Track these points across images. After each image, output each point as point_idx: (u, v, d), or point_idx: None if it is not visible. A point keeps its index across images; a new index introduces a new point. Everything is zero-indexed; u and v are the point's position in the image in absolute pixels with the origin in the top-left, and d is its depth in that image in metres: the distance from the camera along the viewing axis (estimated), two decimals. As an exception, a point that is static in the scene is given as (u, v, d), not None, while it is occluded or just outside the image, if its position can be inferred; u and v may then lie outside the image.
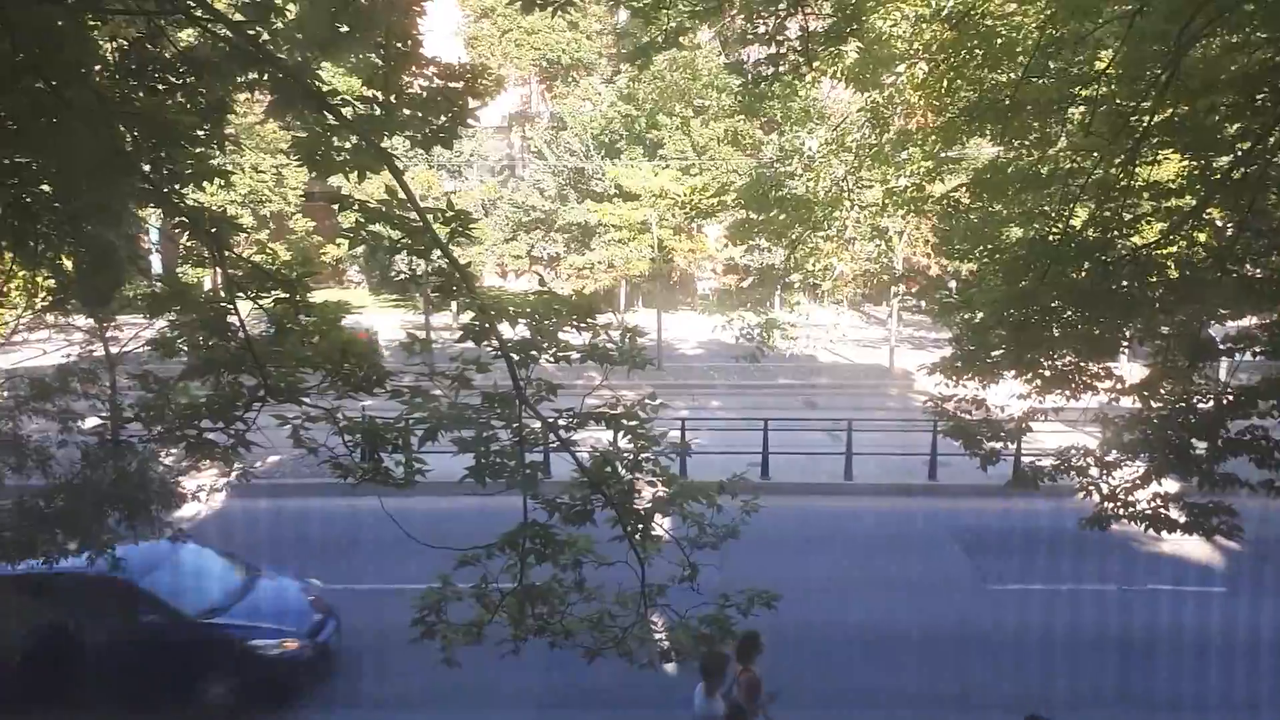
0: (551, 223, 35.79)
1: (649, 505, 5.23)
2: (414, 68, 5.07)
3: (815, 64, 8.63)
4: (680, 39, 8.84)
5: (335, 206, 5.39)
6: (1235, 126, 7.28)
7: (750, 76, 9.48)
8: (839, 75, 9.76)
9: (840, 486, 17.19)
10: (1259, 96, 6.87)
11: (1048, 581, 13.07)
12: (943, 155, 10.27)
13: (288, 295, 5.17)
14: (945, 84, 8.95)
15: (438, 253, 4.94)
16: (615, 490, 5.13)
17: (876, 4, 8.63)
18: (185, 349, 5.18)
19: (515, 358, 4.91)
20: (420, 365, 5.23)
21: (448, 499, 5.93)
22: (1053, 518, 14.65)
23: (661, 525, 5.37)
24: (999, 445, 7.99)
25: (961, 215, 9.22)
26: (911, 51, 9.07)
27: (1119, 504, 7.65)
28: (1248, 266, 7.59)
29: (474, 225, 5.18)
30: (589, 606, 5.40)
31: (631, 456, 5.29)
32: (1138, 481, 7.72)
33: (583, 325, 5.18)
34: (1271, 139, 7.00)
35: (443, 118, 5.11)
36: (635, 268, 30.88)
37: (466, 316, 5.08)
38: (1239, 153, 7.11)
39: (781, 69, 8.68)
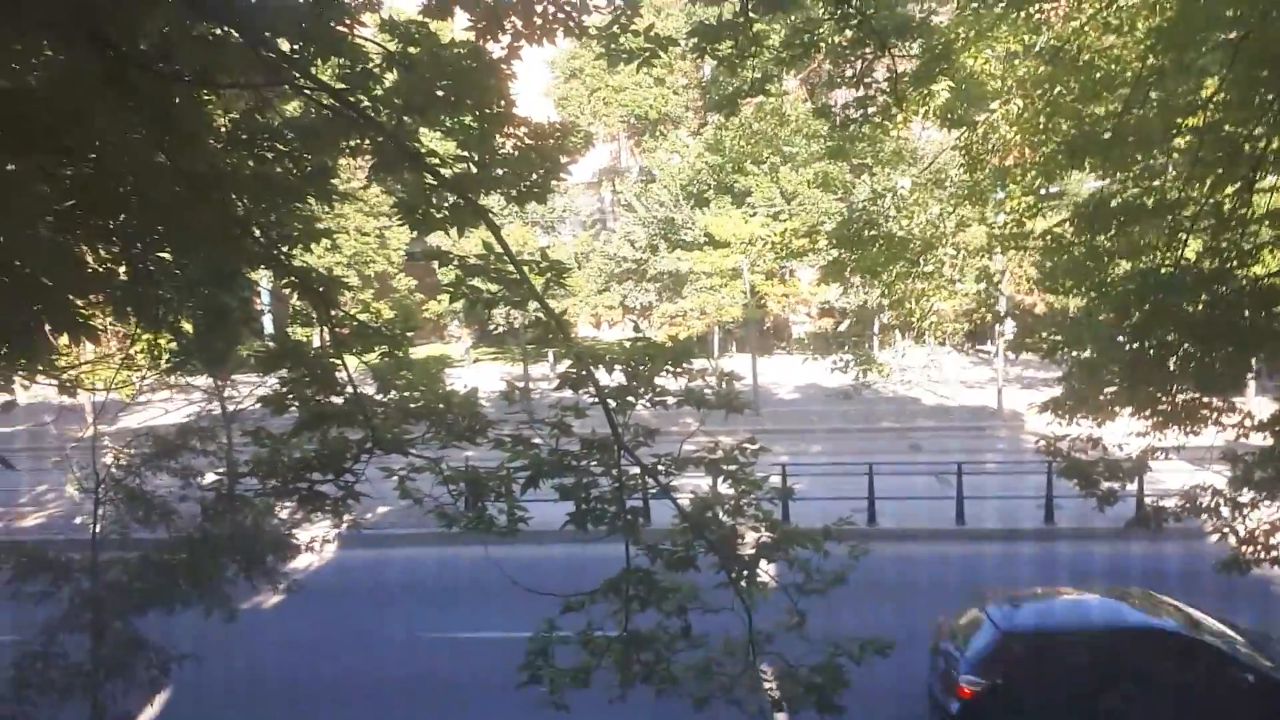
0: (643, 273, 36.18)
1: (753, 551, 5.15)
2: (507, 128, 5.24)
3: (905, 105, 8.56)
4: (766, 87, 8.90)
5: (436, 264, 5.56)
6: (1360, 147, 6.92)
7: (838, 120, 9.46)
8: (930, 115, 9.65)
9: (952, 532, 16.64)
10: (1383, 115, 6.53)
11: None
12: (1043, 191, 10.01)
13: (391, 350, 5.34)
14: (1042, 119, 8.75)
15: (534, 304, 5.04)
16: (717, 536, 5.07)
17: (966, 43, 8.53)
18: (295, 404, 5.38)
19: (612, 404, 4.94)
20: (520, 414, 5.30)
21: (550, 546, 5.98)
22: (1181, 560, 13.88)
23: (767, 571, 5.28)
24: (1117, 485, 7.64)
25: (1066, 250, 8.95)
26: (1005, 88, 8.92)
27: (1259, 546, 7.20)
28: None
29: (568, 275, 5.28)
30: (695, 654, 5.32)
31: (733, 501, 5.24)
32: (1278, 523, 7.27)
33: (678, 370, 5.19)
34: (1400, 158, 6.64)
35: (535, 175, 5.26)
36: (727, 313, 30.88)
37: (564, 365, 5.15)
38: (1364, 174, 6.75)
39: (870, 111, 8.64)
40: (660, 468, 5.15)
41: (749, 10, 6.44)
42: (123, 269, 4.97)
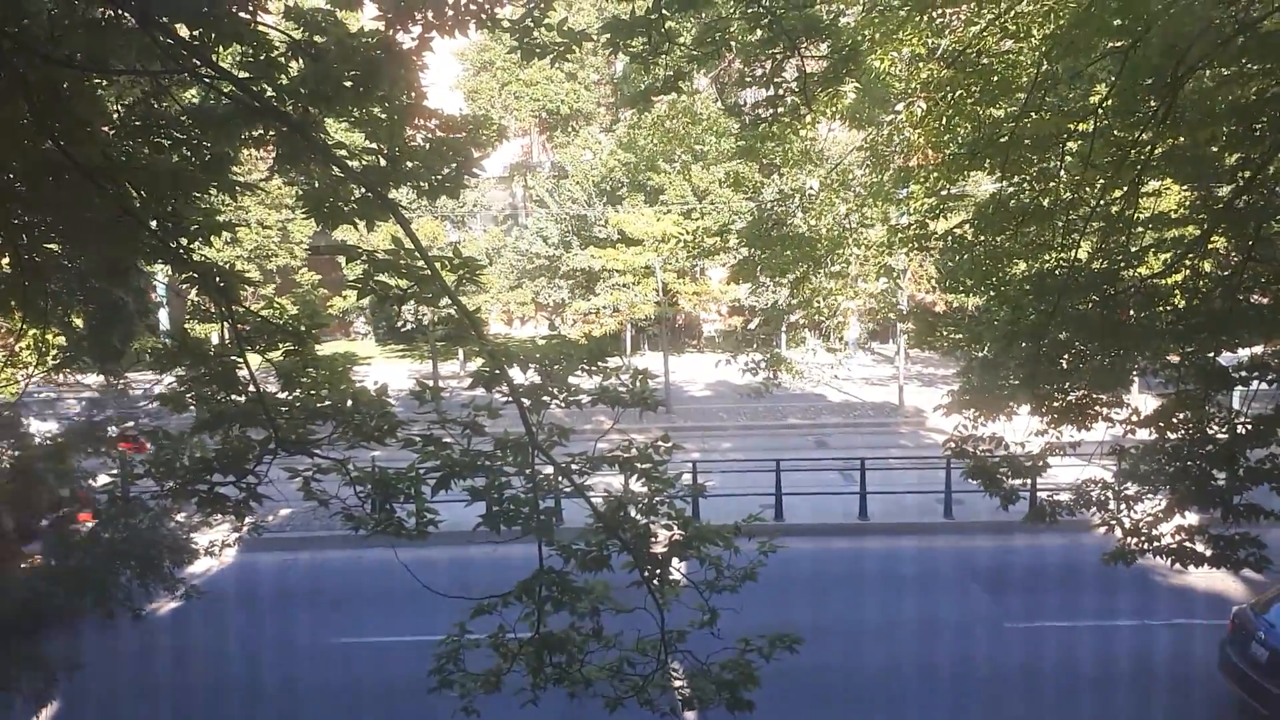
0: (556, 269, 36.02)
1: (665, 549, 5.18)
2: (417, 120, 5.14)
3: (813, 105, 8.72)
4: (678, 84, 8.95)
5: (342, 258, 5.42)
6: (1234, 157, 7.32)
7: (748, 119, 9.58)
8: (838, 116, 9.86)
9: (855, 526, 17.03)
10: (1256, 127, 6.92)
11: (1068, 618, 12.87)
12: (944, 192, 10.33)
13: (296, 348, 5.19)
14: (944, 121, 9.02)
15: (445, 300, 4.96)
16: (631, 535, 5.08)
17: (872, 45, 8.73)
18: (195, 404, 5.19)
19: (526, 403, 4.90)
20: (430, 414, 5.22)
21: (462, 548, 5.89)
22: (1071, 553, 14.51)
23: (679, 569, 5.31)
24: (1019, 483, 7.92)
25: (965, 250, 9.24)
26: (909, 90, 9.17)
27: (1143, 539, 7.55)
28: (1255, 294, 7.57)
29: (480, 271, 5.22)
30: (608, 654, 5.33)
31: (646, 500, 5.25)
32: (1160, 515, 7.63)
33: (593, 369, 5.18)
34: (1271, 168, 7.04)
35: (446, 169, 5.17)
36: (640, 311, 30.99)
37: (476, 364, 5.08)
38: (1240, 182, 7.13)
39: (780, 111, 8.77)
40: (574, 467, 5.13)
41: (661, 7, 6.45)
42: (6, 261, 4.71)
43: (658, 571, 5.07)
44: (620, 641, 5.37)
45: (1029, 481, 8.46)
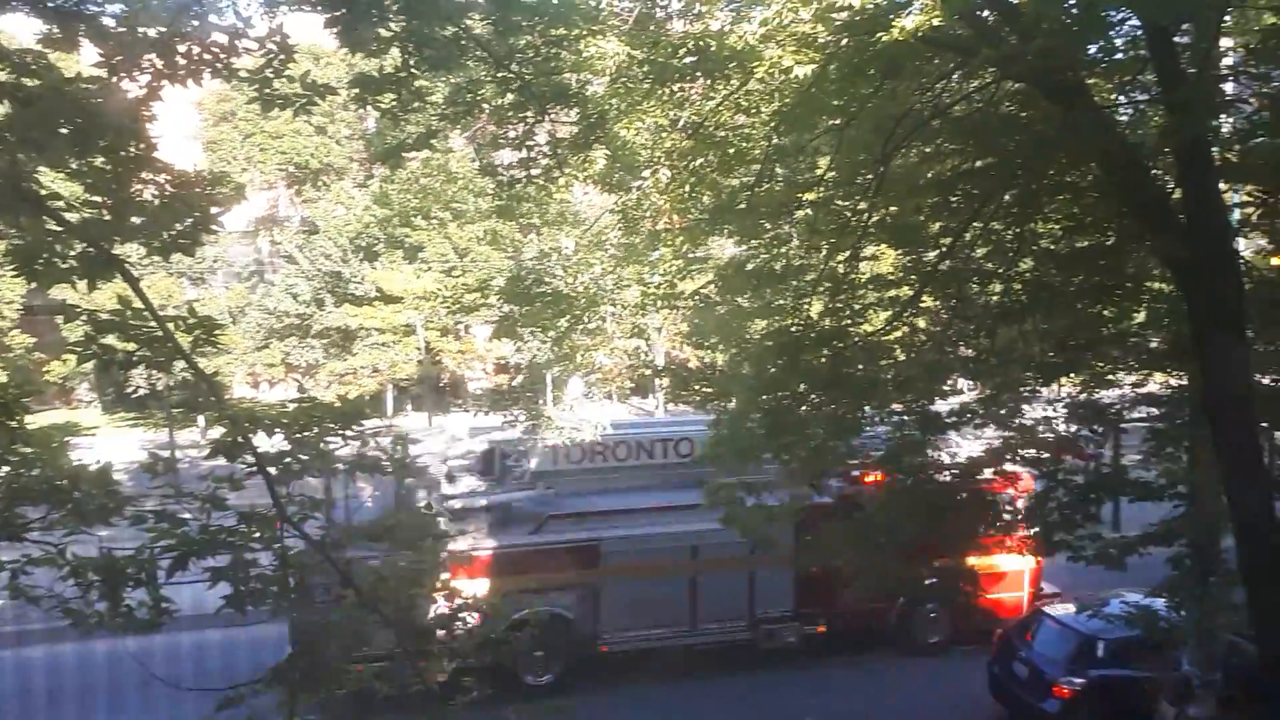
0: (307, 328, 34.37)
1: (434, 622, 5.05)
2: (146, 173, 4.83)
3: (565, 169, 8.98)
4: (431, 142, 8.94)
5: (61, 319, 4.95)
6: (937, 225, 8.27)
7: (504, 180, 9.70)
8: (590, 180, 10.19)
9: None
10: (953, 199, 7.87)
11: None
12: (690, 255, 10.88)
13: (3, 419, 4.66)
14: (687, 188, 9.56)
15: (181, 364, 4.64)
16: (395, 609, 4.91)
17: (619, 114, 9.13)
18: None
19: (273, 472, 4.65)
20: (164, 488, 4.82)
21: (204, 632, 5.43)
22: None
23: (447, 640, 5.18)
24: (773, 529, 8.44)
25: (710, 310, 9.79)
26: (654, 159, 9.63)
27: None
28: (962, 348, 8.54)
29: (220, 332, 4.93)
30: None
31: (410, 571, 5.11)
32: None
33: (348, 433, 5.00)
34: (968, 235, 8.02)
35: (179, 225, 4.87)
36: (402, 371, 30.17)
37: (217, 431, 4.77)
38: (943, 248, 8.06)
39: (534, 173, 8.96)
40: (330, 539, 4.91)
41: (410, 66, 6.45)
42: None
43: (424, 647, 4.92)
44: None
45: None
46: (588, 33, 7.74)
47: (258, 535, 4.71)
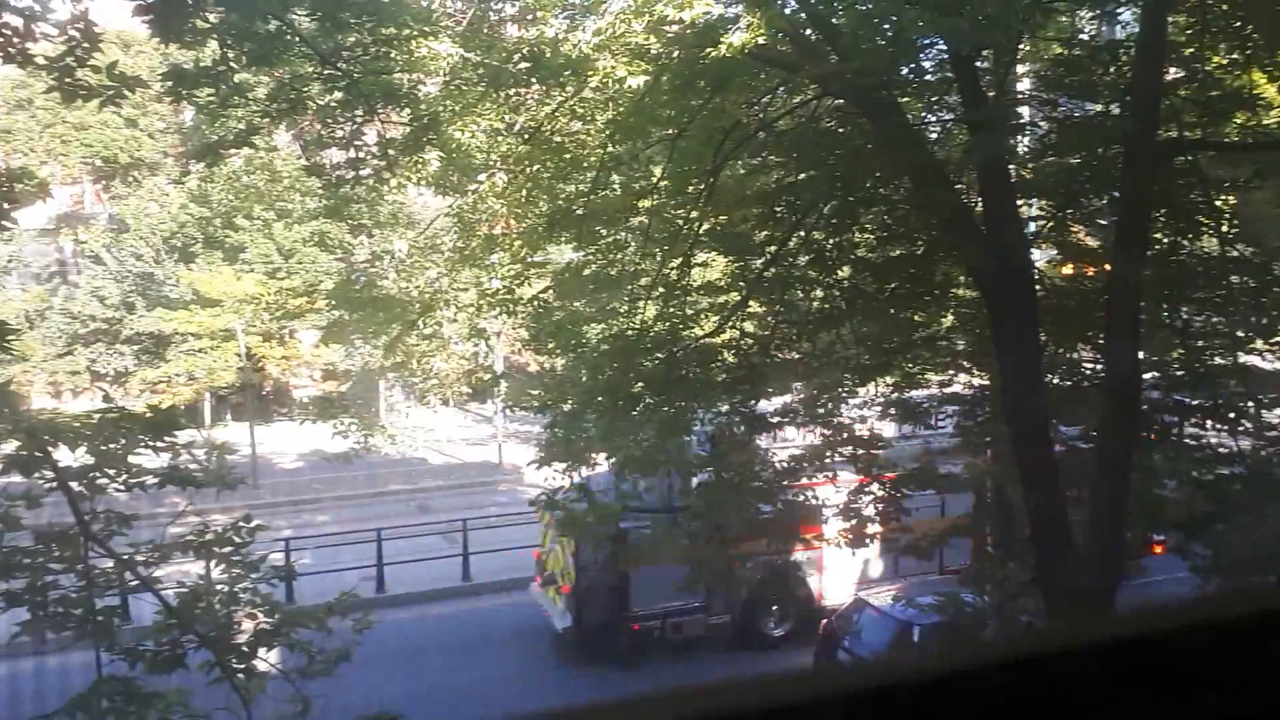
0: (116, 334, 32.11)
1: (251, 640, 4.84)
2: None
3: (395, 170, 8.80)
4: (253, 139, 8.57)
5: None
6: (763, 234, 8.62)
7: (332, 180, 9.41)
8: (424, 182, 10.02)
9: (459, 589, 17.01)
10: (778, 209, 8.23)
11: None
12: (529, 259, 10.89)
13: None
14: (524, 193, 9.57)
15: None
16: (210, 628, 4.68)
17: (453, 116, 9.02)
18: None
19: (76, 487, 4.35)
20: (-52, 510, 4.43)
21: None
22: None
23: (267, 659, 4.98)
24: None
25: (548, 315, 9.83)
26: (490, 163, 9.58)
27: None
28: (784, 351, 8.93)
29: (15, 337, 4.57)
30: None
31: (227, 588, 4.88)
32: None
33: (159, 445, 4.74)
34: (791, 243, 8.40)
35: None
36: (221, 378, 28.59)
37: (11, 445, 4.42)
38: (768, 256, 8.41)
39: (363, 173, 8.73)
40: (140, 558, 4.63)
41: (229, 60, 6.18)
42: None
43: (242, 666, 4.72)
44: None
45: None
46: (420, 33, 7.62)
47: (59, 556, 4.39)
